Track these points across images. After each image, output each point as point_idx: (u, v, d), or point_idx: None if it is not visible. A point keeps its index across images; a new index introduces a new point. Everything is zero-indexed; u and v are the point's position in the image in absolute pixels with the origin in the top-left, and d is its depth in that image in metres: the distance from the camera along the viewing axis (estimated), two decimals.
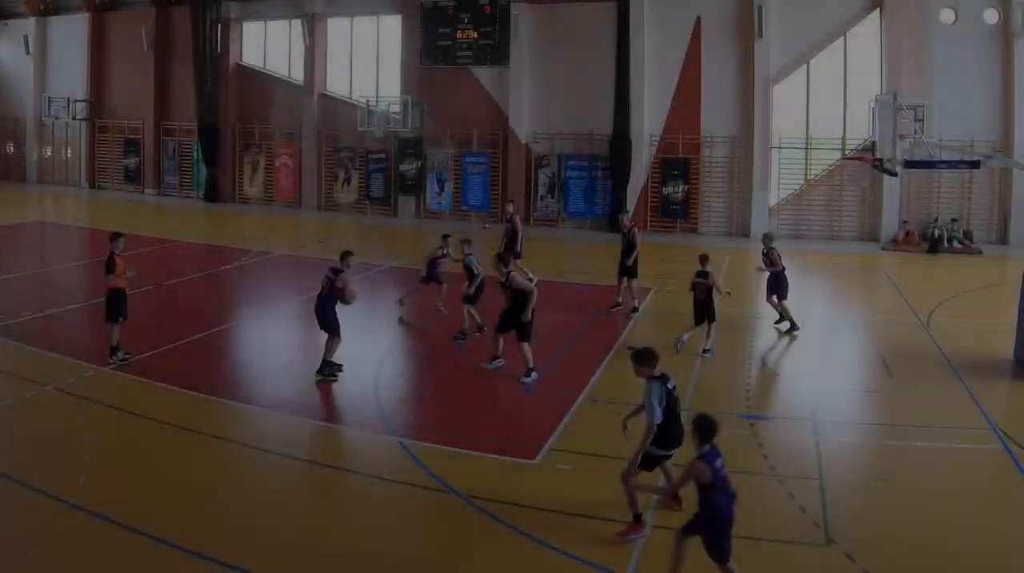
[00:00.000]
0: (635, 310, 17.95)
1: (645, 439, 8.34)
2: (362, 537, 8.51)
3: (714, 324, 14.85)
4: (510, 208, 21.55)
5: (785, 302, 16.50)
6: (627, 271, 17.95)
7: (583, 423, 11.45)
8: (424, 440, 10.77)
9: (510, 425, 11.87)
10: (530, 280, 15.45)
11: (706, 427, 7.13)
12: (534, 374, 13.19)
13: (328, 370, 13.06)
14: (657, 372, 8.52)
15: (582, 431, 11.11)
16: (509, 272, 13.42)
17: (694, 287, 14.88)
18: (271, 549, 8.15)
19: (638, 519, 8.43)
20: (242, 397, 12.34)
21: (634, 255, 17.77)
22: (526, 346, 13.16)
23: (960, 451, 10.76)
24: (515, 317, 13.15)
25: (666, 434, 8.44)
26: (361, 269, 19.60)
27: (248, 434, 11.13)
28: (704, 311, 14.81)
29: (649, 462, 8.57)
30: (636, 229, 18.48)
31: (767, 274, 16.79)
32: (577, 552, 8.03)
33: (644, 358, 8.59)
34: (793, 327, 16.41)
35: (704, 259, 14.93)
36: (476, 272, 15.50)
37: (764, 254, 16.55)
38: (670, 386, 8.47)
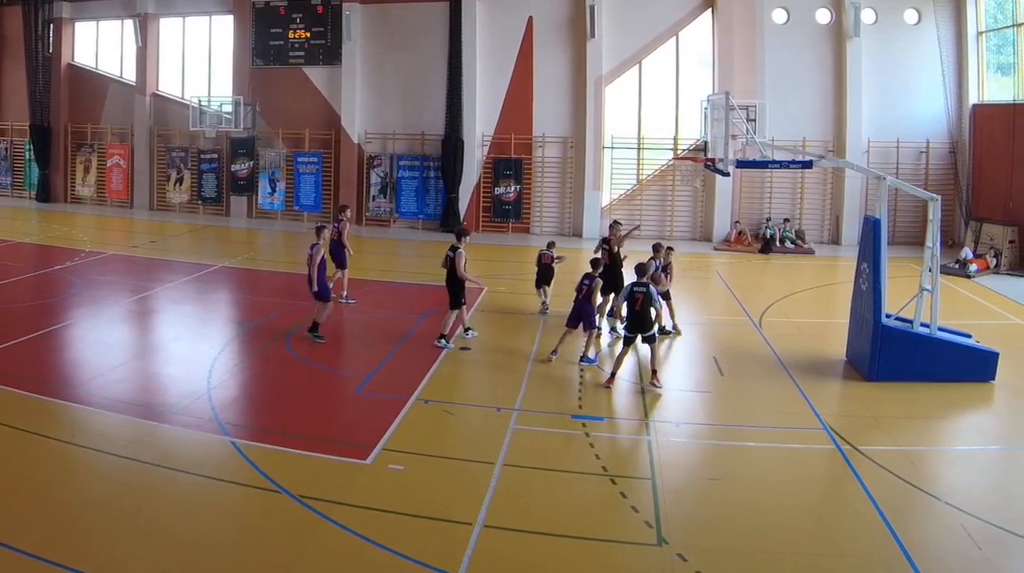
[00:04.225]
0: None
1: None
2: (193, 537, 6.88)
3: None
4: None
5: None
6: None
7: (415, 423, 9.73)
8: (256, 440, 9.03)
9: (342, 425, 9.95)
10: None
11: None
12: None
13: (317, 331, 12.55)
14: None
15: (414, 431, 9.45)
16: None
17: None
18: (98, 550, 6.60)
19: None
20: (74, 397, 10.35)
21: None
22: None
23: (792, 451, 9.14)
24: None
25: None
26: (192, 269, 18.43)
27: (79, 434, 9.15)
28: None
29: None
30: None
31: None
32: (410, 552, 6.60)
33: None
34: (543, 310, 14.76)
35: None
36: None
37: (559, 258, 14.99)
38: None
